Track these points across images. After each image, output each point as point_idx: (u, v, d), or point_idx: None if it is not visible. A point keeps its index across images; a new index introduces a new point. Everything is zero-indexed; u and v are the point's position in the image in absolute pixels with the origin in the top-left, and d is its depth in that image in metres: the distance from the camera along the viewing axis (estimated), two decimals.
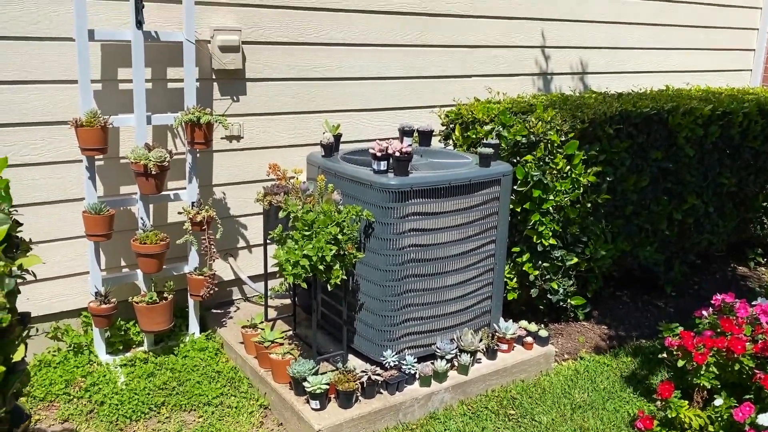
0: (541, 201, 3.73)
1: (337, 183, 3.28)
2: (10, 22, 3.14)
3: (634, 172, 4.10)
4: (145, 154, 3.27)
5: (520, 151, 3.72)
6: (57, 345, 3.55)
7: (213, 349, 3.66)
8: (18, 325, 1.20)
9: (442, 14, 4.54)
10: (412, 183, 3.10)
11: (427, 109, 4.54)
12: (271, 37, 3.88)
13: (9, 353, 1.11)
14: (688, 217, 4.51)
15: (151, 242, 3.39)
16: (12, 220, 1.21)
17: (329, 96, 4.17)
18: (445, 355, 3.28)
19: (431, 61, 4.56)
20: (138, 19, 3.24)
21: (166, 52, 3.55)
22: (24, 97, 3.25)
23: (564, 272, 3.96)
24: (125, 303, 3.52)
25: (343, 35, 4.13)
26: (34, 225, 3.36)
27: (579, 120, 3.74)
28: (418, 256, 3.20)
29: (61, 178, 3.40)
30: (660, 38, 5.97)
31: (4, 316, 1.09)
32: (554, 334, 4.07)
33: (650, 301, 4.64)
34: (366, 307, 3.26)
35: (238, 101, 3.85)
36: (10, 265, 1.13)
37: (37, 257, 1.31)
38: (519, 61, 5.04)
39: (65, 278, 3.52)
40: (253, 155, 3.94)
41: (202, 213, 3.50)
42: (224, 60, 3.69)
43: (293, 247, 2.94)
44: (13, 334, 1.14)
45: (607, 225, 4.08)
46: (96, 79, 3.38)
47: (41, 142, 3.32)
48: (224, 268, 4.01)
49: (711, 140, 4.40)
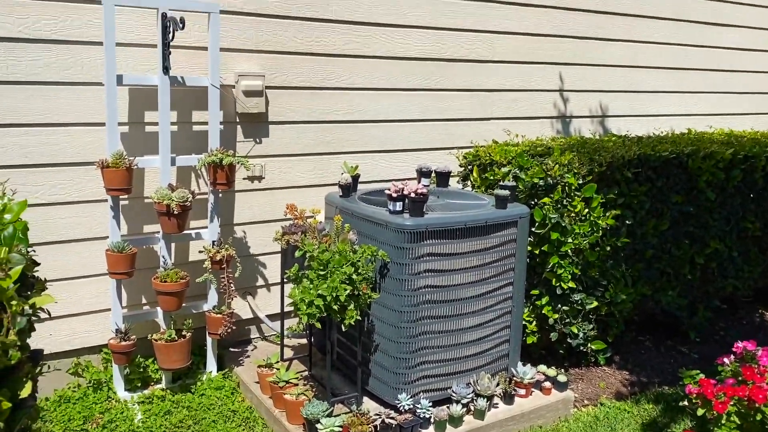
0: (560, 243, 3.72)
1: (354, 223, 3.32)
2: (44, 68, 3.29)
3: (653, 215, 4.08)
4: (168, 194, 3.36)
5: (538, 194, 3.73)
6: (77, 381, 3.60)
7: (229, 388, 3.67)
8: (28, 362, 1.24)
9: (461, 59, 4.63)
10: (428, 223, 3.13)
11: (445, 150, 4.60)
12: (294, 82, 3.99)
13: (17, 390, 1.14)
14: (710, 261, 4.45)
15: (171, 280, 3.45)
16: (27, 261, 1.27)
17: (349, 138, 4.25)
18: (460, 400, 3.25)
19: (450, 104, 4.64)
20: (165, 65, 3.37)
21: (191, 96, 3.67)
22: (55, 139, 3.38)
23: (584, 316, 3.92)
24: (145, 340, 3.57)
25: (363, 80, 4.23)
26: (60, 263, 3.46)
27: (596, 163, 3.75)
28: (433, 298, 3.21)
29: (87, 217, 3.50)
30: (682, 81, 5.99)
31: (13, 353, 1.13)
32: (574, 379, 4.01)
33: (673, 346, 4.55)
34: (381, 349, 3.26)
35: (260, 143, 3.95)
36: (22, 305, 1.18)
37: (51, 297, 1.36)
38: (538, 104, 5.09)
39: (88, 315, 3.59)
40: (273, 195, 4.01)
41: (222, 252, 3.56)
42: (248, 104, 3.80)
43: (308, 286, 2.97)
44: (21, 371, 1.18)
45: (627, 268, 4.04)
46: (123, 122, 3.51)
47: (69, 182, 3.44)
48: (243, 306, 4.05)
49: (733, 184, 4.36)
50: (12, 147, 3.28)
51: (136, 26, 3.48)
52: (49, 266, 3.40)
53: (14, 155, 3.29)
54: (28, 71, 3.26)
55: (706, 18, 6.04)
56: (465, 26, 4.61)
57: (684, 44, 5.93)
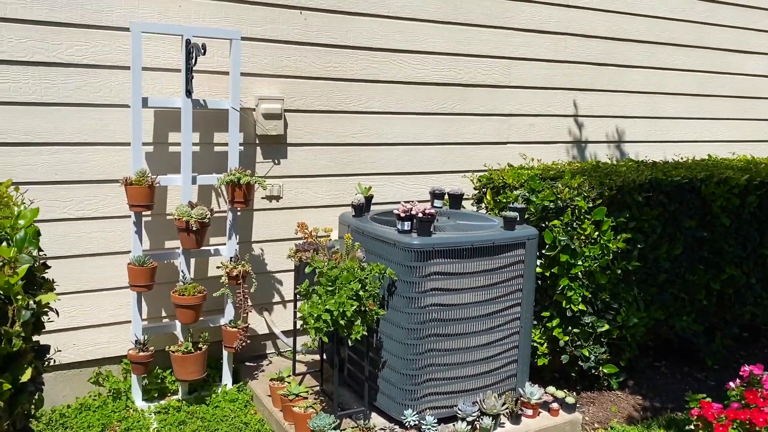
0: (570, 266, 3.76)
1: (365, 242, 3.42)
2: (75, 91, 3.49)
3: (666, 239, 4.09)
4: (187, 211, 3.51)
5: (548, 216, 3.79)
6: (98, 390, 3.74)
7: (243, 400, 3.77)
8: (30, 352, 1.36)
9: (478, 84, 4.73)
10: (435, 243, 3.21)
11: (460, 173, 4.68)
12: (312, 106, 4.14)
13: (18, 375, 1.26)
14: (727, 287, 4.42)
15: (189, 294, 3.59)
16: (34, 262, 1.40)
17: (365, 160, 4.37)
18: (465, 417, 3.29)
19: (466, 128, 4.73)
20: (188, 89, 3.54)
21: (212, 118, 3.84)
22: (83, 158, 3.56)
23: (595, 339, 3.93)
24: (163, 352, 3.70)
25: (379, 104, 4.37)
26: (84, 275, 3.63)
27: (607, 187, 3.80)
28: (441, 316, 3.27)
29: (111, 232, 3.67)
30: (704, 107, 5.99)
31: (16, 342, 1.25)
32: (586, 403, 4.01)
33: (690, 373, 4.51)
34: (389, 365, 3.32)
35: (278, 164, 4.10)
36: (27, 300, 1.31)
37: (53, 294, 1.48)
38: (554, 128, 5.16)
39: (109, 326, 3.74)
40: (291, 214, 4.14)
41: (239, 268, 3.69)
42: (267, 126, 3.95)
43: (317, 301, 3.07)
44: (24, 359, 1.30)
45: (639, 292, 4.05)
46: (148, 142, 3.69)
47: (95, 198, 3.62)
48: (259, 322, 4.16)
49: (749, 210, 4.34)
50: (43, 165, 3.48)
51: (162, 52, 3.67)
52: (74, 278, 3.59)
53: (45, 172, 3.48)
54: (61, 94, 3.46)
55: (729, 45, 6.05)
56: (482, 52, 4.72)
57: (705, 71, 5.94)
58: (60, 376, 3.63)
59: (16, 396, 1.26)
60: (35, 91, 3.41)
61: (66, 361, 3.59)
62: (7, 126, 3.37)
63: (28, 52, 3.37)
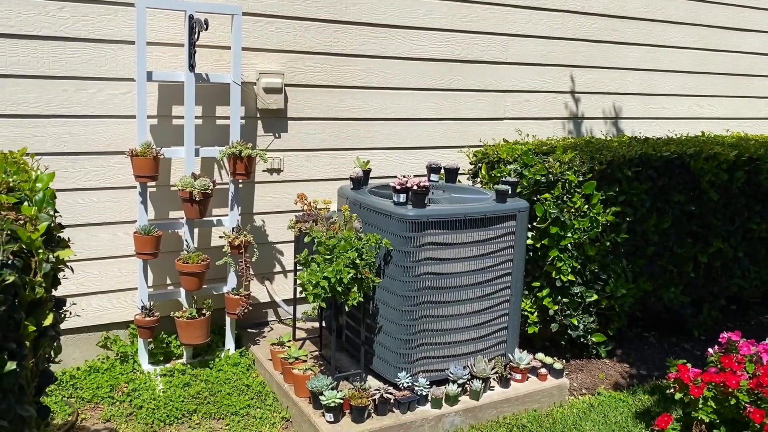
0: (559, 238, 3.89)
1: (363, 213, 3.55)
2: (81, 65, 3.60)
3: (654, 213, 4.21)
4: (190, 182, 3.64)
5: (540, 190, 3.91)
6: (106, 353, 3.91)
7: (245, 364, 3.94)
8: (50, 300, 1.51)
9: (475, 60, 4.82)
10: (429, 214, 3.34)
11: (456, 149, 4.79)
12: (312, 81, 4.24)
13: (41, 320, 1.41)
14: (714, 260, 4.55)
15: (193, 262, 3.73)
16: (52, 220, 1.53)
17: (364, 135, 4.49)
18: (457, 380, 3.45)
19: (463, 104, 4.83)
20: (190, 63, 3.65)
21: (215, 92, 3.95)
22: (90, 130, 3.69)
23: (584, 309, 4.08)
24: (168, 318, 3.86)
25: (378, 79, 4.46)
26: (92, 243, 3.77)
27: (597, 161, 3.91)
28: (434, 284, 3.42)
29: (118, 202, 3.81)
30: (700, 85, 6.06)
31: (39, 290, 1.40)
32: (574, 370, 4.16)
33: (677, 343, 4.66)
34: (384, 330, 3.48)
35: (279, 137, 4.21)
36: (47, 254, 1.44)
37: (71, 250, 1.62)
38: (550, 105, 5.25)
39: (117, 293, 3.89)
40: (291, 187, 4.27)
41: (240, 237, 3.83)
42: (268, 100, 4.06)
43: (315, 269, 3.21)
44: (46, 306, 1.45)
45: (627, 264, 4.18)
46: (152, 115, 3.80)
47: (102, 169, 3.75)
48: (261, 290, 4.31)
49: (737, 185, 4.46)
50: (52, 136, 3.60)
51: (165, 27, 3.77)
52: (83, 246, 3.73)
53: (54, 144, 3.61)
54: (68, 67, 3.57)
55: (725, 22, 6.10)
56: (479, 29, 4.80)
57: (702, 48, 6.01)
58: (70, 340, 3.79)
59: (39, 339, 1.40)
60: (43, 65, 3.52)
61: (75, 325, 3.75)
62: (17, 98, 3.49)
63: (36, 26, 3.47)
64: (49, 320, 1.42)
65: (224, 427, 3.40)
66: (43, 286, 1.40)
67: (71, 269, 1.71)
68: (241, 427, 3.40)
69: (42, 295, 1.41)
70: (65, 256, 1.57)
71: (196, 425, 3.41)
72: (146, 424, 3.37)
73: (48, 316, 1.42)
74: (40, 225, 1.45)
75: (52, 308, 1.49)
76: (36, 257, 1.41)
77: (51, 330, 1.46)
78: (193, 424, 3.42)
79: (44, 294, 1.41)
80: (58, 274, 1.65)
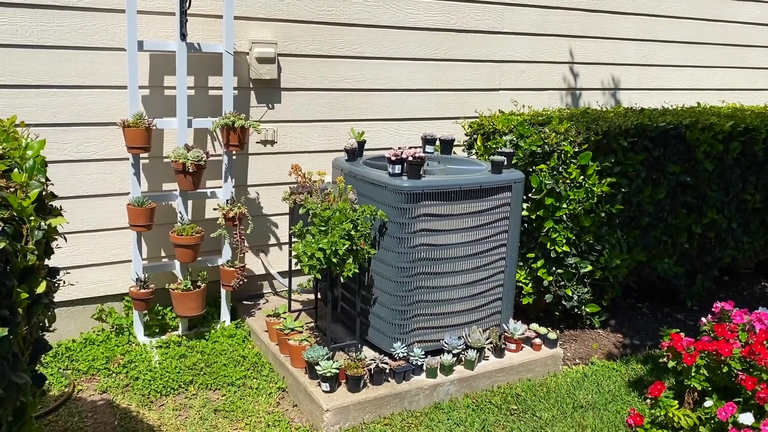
0: (554, 209, 3.88)
1: (358, 185, 3.53)
2: (71, 34, 3.54)
3: (649, 184, 4.21)
4: (183, 153, 3.61)
5: (536, 161, 3.90)
6: (101, 325, 3.91)
7: (241, 336, 3.95)
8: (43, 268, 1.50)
9: (470, 30, 4.77)
10: (424, 185, 3.32)
11: (452, 120, 4.76)
12: (306, 50, 4.19)
13: (34, 287, 1.40)
14: (708, 231, 4.56)
15: (187, 234, 3.72)
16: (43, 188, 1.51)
17: (358, 106, 4.44)
18: (452, 350, 3.47)
19: (459, 74, 4.79)
20: (182, 32, 3.59)
21: (207, 62, 3.90)
22: (81, 100, 3.64)
23: (578, 279, 4.09)
24: (164, 291, 3.85)
25: (373, 49, 4.41)
26: (86, 215, 3.75)
27: (593, 132, 3.89)
28: (429, 255, 3.42)
29: (111, 173, 3.77)
30: (696, 56, 6.02)
31: (31, 257, 1.38)
32: (568, 340, 4.20)
33: (670, 313, 4.70)
34: (379, 301, 3.48)
35: (273, 108, 4.17)
36: (39, 221, 1.43)
37: (63, 218, 1.61)
38: (546, 75, 5.21)
39: (111, 265, 3.88)
40: (285, 159, 4.24)
41: (235, 210, 3.81)
42: (261, 70, 4.01)
43: (310, 241, 3.20)
44: (38, 274, 1.44)
45: (622, 235, 4.19)
46: (144, 85, 3.75)
47: (94, 140, 3.70)
48: (256, 263, 4.31)
49: (732, 156, 4.45)
50: (42, 107, 3.55)
51: None
52: (76, 218, 3.71)
53: (44, 114, 3.56)
54: (57, 36, 3.51)
55: None
56: None
57: (699, 18, 5.95)
58: (65, 312, 3.79)
59: (32, 306, 1.39)
60: (32, 34, 3.45)
61: (70, 298, 3.75)
62: (5, 68, 3.44)
63: None
64: (42, 288, 1.40)
65: (221, 398, 3.42)
66: (35, 253, 1.39)
67: (64, 238, 1.70)
68: (237, 397, 3.42)
69: (34, 263, 1.39)
70: (57, 224, 1.55)
71: (192, 396, 3.43)
72: (143, 395, 3.38)
73: (41, 284, 1.41)
74: (31, 192, 1.43)
75: (45, 276, 1.48)
76: (27, 224, 1.39)
77: (44, 298, 1.45)
78: (189, 394, 3.43)
79: (36, 262, 1.40)
80: (51, 243, 1.64)
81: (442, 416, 3.29)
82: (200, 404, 3.35)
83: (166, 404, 3.35)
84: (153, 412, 3.28)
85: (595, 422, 3.32)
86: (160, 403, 3.36)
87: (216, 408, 3.31)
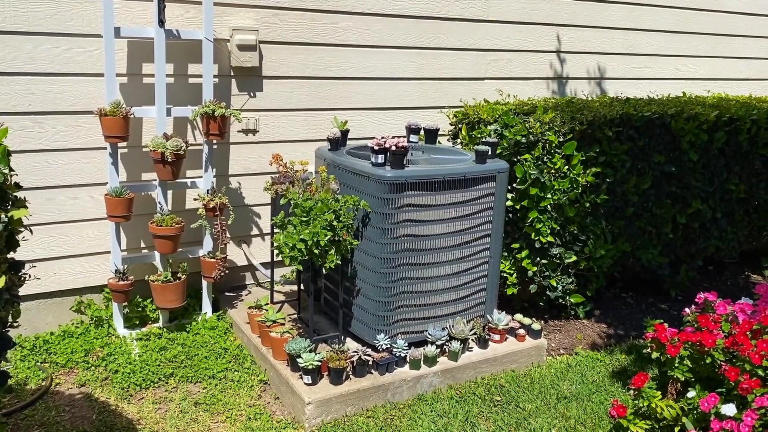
0: (539, 199, 3.86)
1: (340, 175, 3.48)
2: (45, 19, 3.45)
3: (635, 174, 4.19)
4: (162, 143, 3.54)
5: (520, 151, 3.86)
6: (80, 318, 3.85)
7: (222, 328, 3.90)
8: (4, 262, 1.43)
9: (455, 18, 4.71)
10: (407, 176, 3.28)
11: (437, 109, 4.71)
12: (288, 38, 4.12)
13: None
14: (693, 221, 4.56)
15: (167, 225, 3.65)
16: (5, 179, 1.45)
17: (342, 94, 4.38)
18: (435, 341, 3.44)
19: (444, 63, 4.74)
20: (160, 18, 3.51)
21: (186, 49, 3.82)
22: (57, 88, 3.55)
23: (563, 270, 4.08)
24: (144, 282, 3.79)
25: (356, 37, 4.35)
26: (62, 206, 3.67)
27: (578, 122, 3.86)
28: (412, 246, 3.38)
29: (88, 163, 3.69)
30: (681, 46, 6.01)
31: None
32: (553, 330, 4.19)
33: (655, 304, 4.70)
34: (362, 293, 3.44)
35: (254, 97, 4.10)
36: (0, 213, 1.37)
37: (26, 210, 1.55)
38: (533, 64, 5.17)
39: (89, 256, 3.81)
40: (267, 148, 4.17)
41: (215, 200, 3.75)
42: (242, 58, 3.94)
43: (292, 231, 3.15)
44: None
45: (607, 225, 4.17)
46: (122, 73, 3.67)
47: (71, 129, 3.62)
48: (238, 254, 4.25)
49: (717, 146, 4.44)
50: (16, 95, 3.46)
51: None
52: (53, 209, 3.63)
53: (19, 103, 3.47)
54: (31, 22, 3.42)
55: None
56: None
57: (684, 7, 5.93)
58: (42, 305, 3.72)
59: None
60: (4, 19, 3.36)
61: (48, 290, 3.68)
62: None
63: None
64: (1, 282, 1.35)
65: (201, 391, 3.37)
66: None
67: (30, 230, 1.64)
68: (218, 390, 3.37)
69: None
70: (20, 216, 1.49)
71: (172, 389, 3.38)
72: (122, 389, 3.33)
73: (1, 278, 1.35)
74: None
75: (7, 270, 1.43)
76: None
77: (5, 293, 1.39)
78: (169, 387, 3.38)
79: None
80: (16, 236, 1.58)
81: (426, 408, 3.26)
82: (180, 397, 3.30)
83: (145, 397, 3.30)
84: (132, 405, 3.23)
85: (579, 413, 3.31)
86: (140, 397, 3.31)
87: (197, 401, 3.27)
